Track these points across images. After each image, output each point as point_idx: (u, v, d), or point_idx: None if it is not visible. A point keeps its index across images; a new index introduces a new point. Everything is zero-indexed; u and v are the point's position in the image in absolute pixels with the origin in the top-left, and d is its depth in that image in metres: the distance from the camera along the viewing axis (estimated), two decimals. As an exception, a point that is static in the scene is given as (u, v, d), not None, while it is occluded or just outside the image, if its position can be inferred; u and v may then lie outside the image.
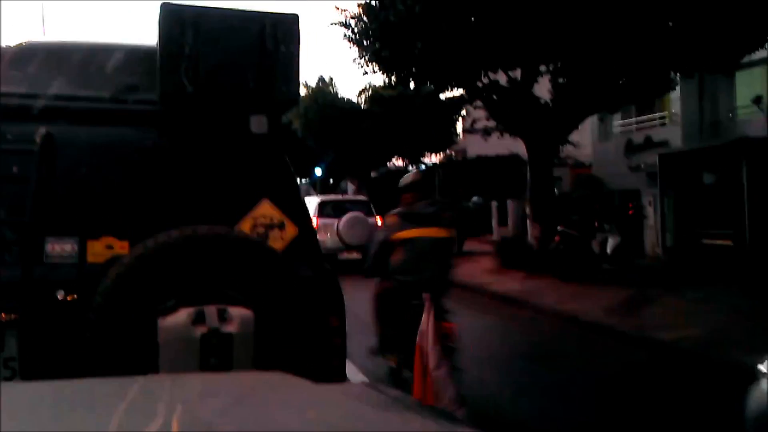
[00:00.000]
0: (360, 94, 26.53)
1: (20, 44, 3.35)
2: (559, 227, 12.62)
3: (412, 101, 25.03)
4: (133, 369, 2.36)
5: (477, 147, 27.74)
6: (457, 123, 27.15)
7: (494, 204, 22.85)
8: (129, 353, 2.54)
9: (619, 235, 12.38)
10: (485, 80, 13.33)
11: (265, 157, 3.21)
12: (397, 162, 31.38)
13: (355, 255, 15.59)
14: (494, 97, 13.59)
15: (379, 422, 1.31)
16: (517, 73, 13.42)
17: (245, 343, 2.61)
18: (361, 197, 21.23)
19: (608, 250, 12.39)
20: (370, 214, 17.17)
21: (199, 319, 2.58)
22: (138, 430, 1.15)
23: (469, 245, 18.98)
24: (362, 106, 26.65)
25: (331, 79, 26.37)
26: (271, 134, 3.17)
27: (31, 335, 2.65)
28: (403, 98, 24.87)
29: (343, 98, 26.65)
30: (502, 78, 13.68)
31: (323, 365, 2.92)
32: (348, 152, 26.66)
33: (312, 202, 16.18)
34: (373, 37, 13.28)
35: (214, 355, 2.56)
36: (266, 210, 3.18)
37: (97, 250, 2.90)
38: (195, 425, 1.21)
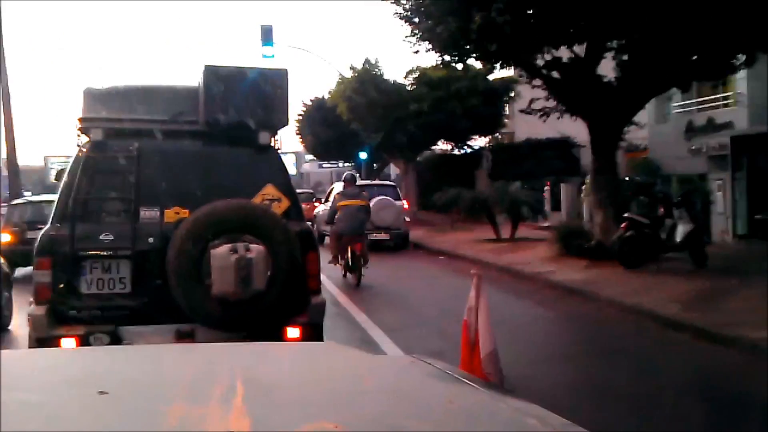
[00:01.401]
0: (407, 75, 25.80)
1: (112, 86, 5.27)
2: (626, 214, 11.85)
3: (460, 83, 24.25)
4: (198, 277, 4.44)
5: (526, 130, 26.86)
6: (507, 105, 26.22)
7: (547, 188, 22.04)
8: (196, 269, 4.44)
9: (692, 221, 11.53)
10: (547, 57, 12.55)
11: (267, 157, 5.22)
12: (444, 146, 30.63)
13: (383, 235, 17.77)
14: (555, 75, 12.81)
15: (435, 392, 1.38)
16: (580, 50, 12.60)
17: (260, 264, 4.48)
18: (388, 182, 23.16)
19: (678, 238, 11.56)
20: (397, 198, 19.16)
21: (233, 250, 4.45)
22: (204, 393, 1.25)
23: (520, 231, 18.30)
24: (409, 88, 25.90)
25: (377, 60, 25.64)
26: (271, 144, 5.25)
27: (136, 263, 4.66)
28: (451, 80, 24.10)
29: (390, 80, 25.94)
30: (563, 55, 12.88)
31: (304, 281, 4.85)
32: (393, 136, 26.03)
33: (338, 188, 16.74)
34: (427, 13, 12.63)
35: (243, 270, 4.40)
36: (270, 190, 5.07)
37: (170, 215, 4.78)
38: (258, 390, 1.28)
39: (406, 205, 19.89)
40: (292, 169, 59.09)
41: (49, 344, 4.40)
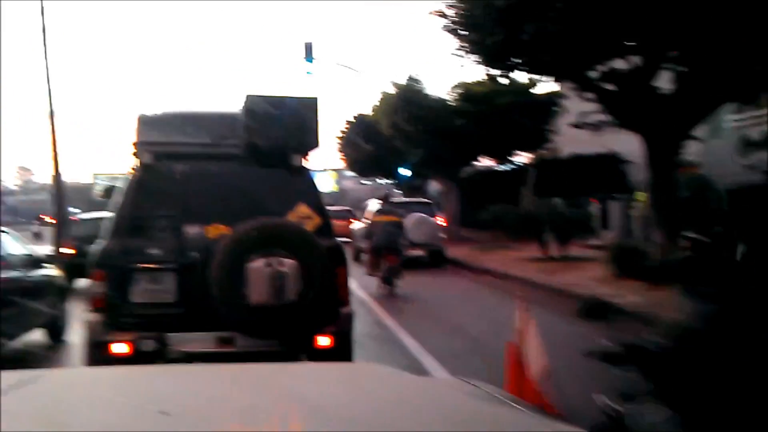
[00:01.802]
0: (451, 91, 25.42)
1: (162, 113, 5.79)
2: (687, 233, 11.17)
3: (504, 97, 23.78)
4: (236, 288, 4.81)
5: (571, 145, 26.19)
6: (553, 120, 25.63)
7: (596, 206, 21.33)
8: (234, 281, 4.78)
9: (752, 242, 10.78)
10: (602, 68, 12.04)
11: (300, 178, 5.61)
12: (486, 161, 30.10)
13: (419, 251, 18.08)
14: (609, 87, 12.28)
15: (483, 414, 1.38)
16: (636, 60, 12.05)
17: (292, 276, 4.82)
18: (423, 199, 23.12)
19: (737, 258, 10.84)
20: (433, 214, 19.39)
21: (268, 264, 4.83)
22: (260, 415, 1.31)
23: (569, 249, 17.65)
24: (452, 103, 25.52)
25: (419, 76, 25.34)
26: (303, 166, 5.69)
27: (181, 275, 5.04)
28: (495, 94, 23.65)
29: (432, 96, 25.59)
30: (617, 66, 12.35)
31: (334, 293, 5.11)
32: (435, 152, 25.64)
33: (373, 205, 17.37)
34: (475, 24, 12.25)
35: (276, 282, 4.77)
36: (302, 209, 5.41)
37: (212, 231, 5.12)
38: (311, 411, 1.33)
39: (442, 222, 20.12)
40: (332, 186, 59.08)
41: (102, 348, 4.91)
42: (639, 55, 11.58)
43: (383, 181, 40.83)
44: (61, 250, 14.51)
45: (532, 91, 24.34)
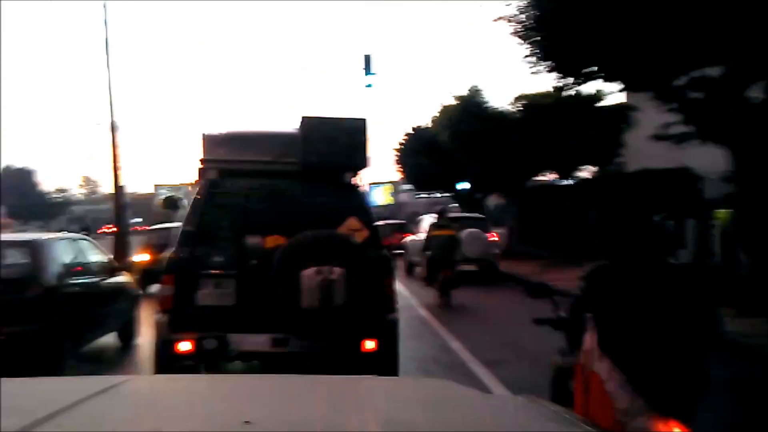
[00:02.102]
0: (513, 102, 24.65)
1: (227, 132, 6.22)
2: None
3: (570, 109, 22.88)
4: (291, 294, 5.21)
5: (639, 160, 25.03)
6: (621, 133, 24.55)
7: (670, 223, 20.16)
8: (289, 287, 5.20)
9: None
10: (689, 76, 11.17)
11: (351, 194, 6.04)
12: (548, 176, 29.14)
13: (472, 266, 18.21)
14: (696, 96, 11.39)
15: None
16: (726, 67, 11.14)
17: (341, 284, 5.29)
18: (478, 215, 22.68)
19: None
20: (487, 230, 19.47)
21: (319, 272, 5.30)
22: (341, 425, 1.36)
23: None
24: (515, 115, 24.75)
25: (479, 88, 24.65)
26: (354, 182, 6.14)
27: (241, 281, 5.51)
28: (560, 106, 22.78)
29: (494, 108, 24.87)
30: (703, 74, 11.45)
31: (380, 300, 5.51)
32: (496, 165, 24.90)
33: (428, 220, 18.17)
34: (548, 30, 11.57)
35: (326, 289, 5.23)
36: (352, 222, 5.82)
37: (270, 241, 5.57)
38: (387, 425, 1.38)
39: (495, 238, 20.28)
40: (387, 199, 58.42)
41: (168, 346, 5.31)
42: (733, 62, 10.67)
43: (440, 194, 40.21)
44: (136, 258, 15.84)
45: (598, 104, 23.34)
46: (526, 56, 12.37)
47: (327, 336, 5.31)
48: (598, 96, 22.69)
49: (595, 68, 11.74)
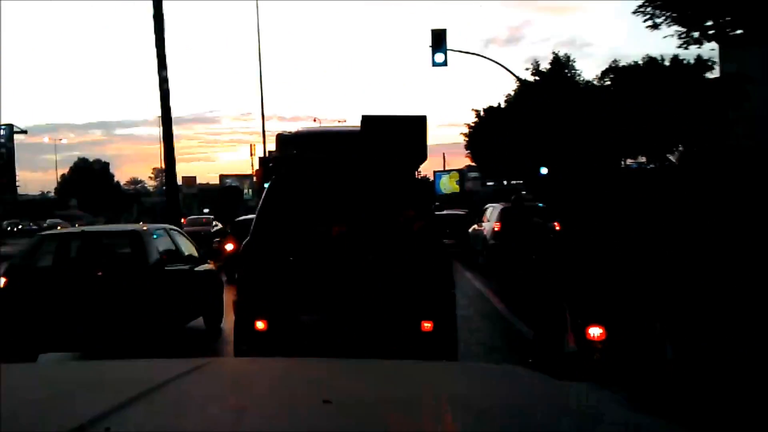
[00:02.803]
0: (603, 76, 21.80)
1: (297, 131, 7.91)
2: None
3: (670, 82, 19.98)
4: (357, 276, 5.69)
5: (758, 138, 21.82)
6: (732, 107, 21.38)
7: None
8: (354, 271, 5.77)
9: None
10: None
11: (410, 186, 6.40)
12: (637, 159, 26.12)
13: None
14: None
15: (618, 419, 1.40)
16: None
17: (398, 269, 5.73)
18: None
19: None
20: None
21: (375, 257, 5.85)
22: (417, 409, 1.39)
23: None
24: (607, 87, 21.91)
25: (569, 58, 21.87)
26: (413, 176, 6.91)
27: (309, 266, 5.83)
28: (659, 78, 19.92)
29: (584, 80, 22.08)
30: None
31: (436, 285, 5.75)
32: (583, 146, 22.21)
33: (493, 209, 17.56)
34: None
35: (384, 273, 5.73)
36: (410, 213, 6.15)
37: (335, 230, 5.96)
38: (464, 410, 1.39)
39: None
40: (454, 187, 56.17)
41: (246, 326, 5.79)
42: None
43: (508, 182, 37.52)
44: (226, 246, 16.10)
45: (707, 74, 20.27)
46: (641, 6, 9.91)
47: (387, 317, 5.60)
48: (706, 65, 19.66)
49: (728, 18, 9.15)
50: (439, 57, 25.70)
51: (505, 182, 40.03)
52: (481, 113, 32.22)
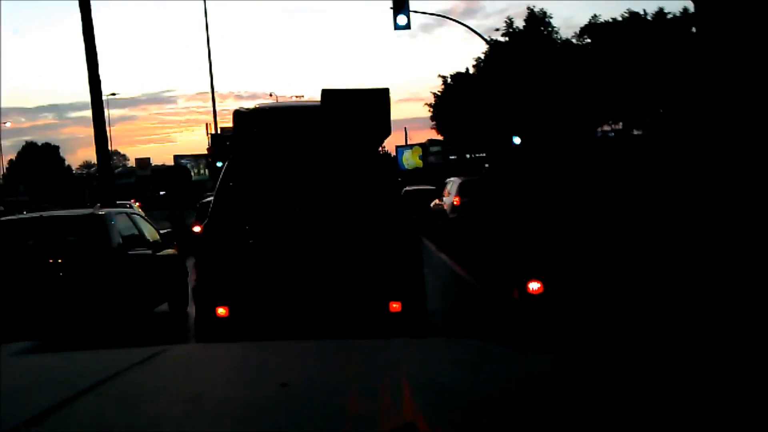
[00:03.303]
0: (582, 33, 19.92)
1: (255, 107, 6.84)
2: None
3: (654, 37, 18.21)
4: (318, 257, 5.45)
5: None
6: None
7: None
8: (317, 252, 5.54)
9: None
10: None
11: (373, 163, 6.18)
12: (618, 125, 24.45)
13: None
14: None
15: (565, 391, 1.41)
16: None
17: (363, 248, 5.49)
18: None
19: None
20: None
21: (339, 236, 5.74)
22: (373, 388, 1.38)
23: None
24: (584, 47, 20.04)
25: (545, 13, 19.90)
26: (376, 151, 6.48)
27: (269, 248, 5.57)
28: (643, 33, 18.13)
29: (560, 39, 20.18)
30: None
31: (403, 263, 5.54)
32: (558, 112, 20.38)
33: (455, 183, 17.28)
34: None
35: (347, 253, 5.51)
36: (373, 189, 6.07)
37: (295, 211, 5.93)
38: (424, 387, 1.39)
39: None
40: (417, 162, 54.55)
41: (206, 313, 5.64)
42: None
43: (477, 155, 35.72)
44: (194, 229, 15.32)
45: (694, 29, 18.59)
46: None
47: (354, 298, 5.42)
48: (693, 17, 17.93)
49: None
50: (402, 19, 23.79)
51: (468, 155, 38.97)
52: (449, 80, 30.11)
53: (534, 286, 5.69)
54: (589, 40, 19.37)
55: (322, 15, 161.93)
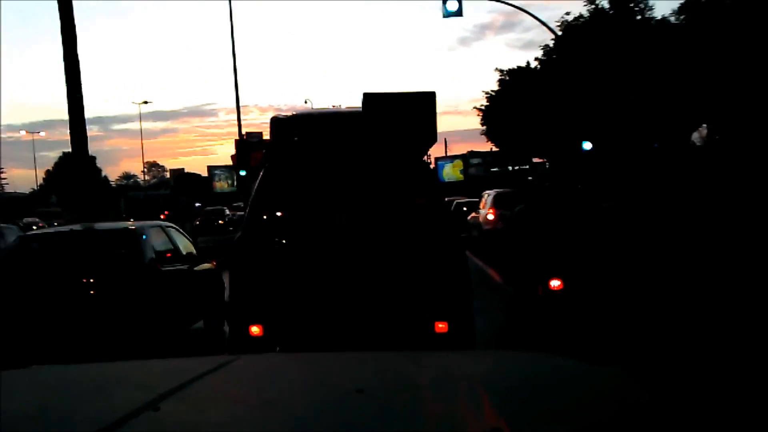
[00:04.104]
0: (681, 12, 15.95)
1: (294, 114, 6.81)
2: None
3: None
4: (362, 272, 5.11)
5: None
6: None
7: None
8: (360, 267, 5.21)
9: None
10: None
11: (417, 172, 5.81)
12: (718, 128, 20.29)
13: None
14: None
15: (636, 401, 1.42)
16: None
17: (406, 264, 5.23)
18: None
19: None
20: None
21: (382, 252, 5.43)
22: (451, 396, 1.40)
23: None
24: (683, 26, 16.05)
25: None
26: (421, 159, 6.07)
27: (307, 261, 5.22)
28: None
29: (653, 18, 16.28)
30: None
31: (449, 281, 5.22)
32: (653, 110, 16.49)
33: (490, 196, 17.57)
34: None
35: (390, 269, 5.22)
36: (418, 201, 5.76)
37: (335, 222, 5.52)
38: (498, 398, 1.36)
39: None
40: (458, 176, 51.52)
41: (241, 332, 5.34)
42: None
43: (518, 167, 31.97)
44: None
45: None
46: None
47: (397, 318, 5.06)
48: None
49: None
50: (452, 5, 20.84)
51: (510, 167, 37.33)
52: (504, 76, 26.22)
53: (555, 283, 6.63)
54: (687, 20, 15.37)
55: (360, 28, 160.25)
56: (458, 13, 20.59)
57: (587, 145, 21.07)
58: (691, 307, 5.53)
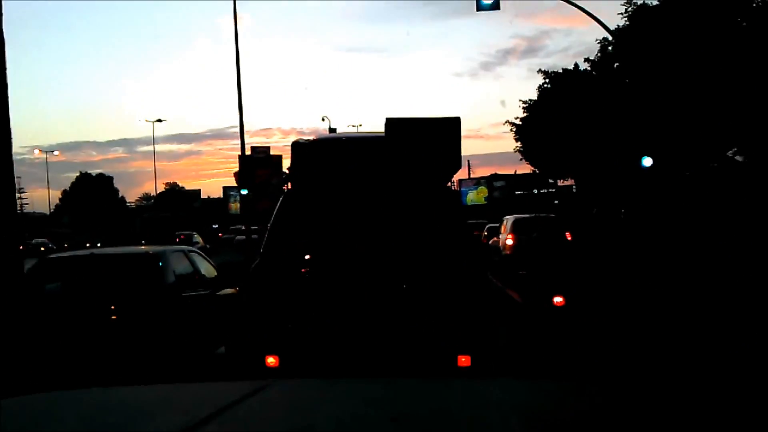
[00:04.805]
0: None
1: (315, 139, 6.65)
2: None
3: None
4: (382, 304, 5.00)
5: None
6: None
7: None
8: (379, 299, 5.08)
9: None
10: None
11: (441, 198, 5.79)
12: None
13: None
14: None
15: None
16: None
17: (425, 296, 5.19)
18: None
19: None
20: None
21: (403, 283, 5.38)
22: (480, 427, 1.44)
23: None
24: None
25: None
26: (445, 185, 6.00)
27: (326, 291, 5.09)
28: None
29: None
30: None
31: (470, 311, 5.10)
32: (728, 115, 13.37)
33: (509, 221, 18.21)
34: None
35: (410, 301, 5.19)
36: (442, 229, 5.81)
37: (356, 247, 5.44)
38: (527, 424, 1.42)
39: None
40: (481, 202, 49.31)
41: (255, 363, 5.28)
42: None
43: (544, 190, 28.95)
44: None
45: None
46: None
47: (418, 351, 4.93)
48: None
49: None
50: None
51: (535, 191, 36.21)
52: (545, 83, 23.17)
53: (558, 299, 7.42)
54: None
55: (382, 52, 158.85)
56: (495, 6, 17.89)
57: (647, 162, 17.88)
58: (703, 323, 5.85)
